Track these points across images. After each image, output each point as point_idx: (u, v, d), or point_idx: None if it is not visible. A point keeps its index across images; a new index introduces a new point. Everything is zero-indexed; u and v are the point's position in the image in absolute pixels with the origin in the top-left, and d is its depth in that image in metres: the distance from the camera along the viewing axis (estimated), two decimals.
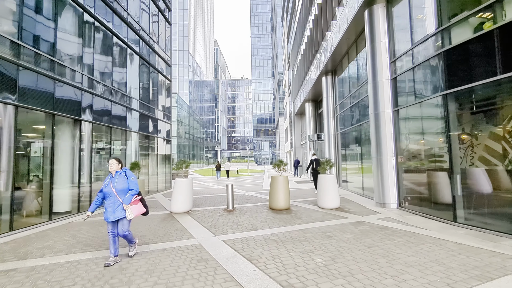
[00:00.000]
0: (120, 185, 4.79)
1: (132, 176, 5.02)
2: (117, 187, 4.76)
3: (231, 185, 9.70)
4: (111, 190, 4.75)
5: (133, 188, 4.89)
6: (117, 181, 4.82)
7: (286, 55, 43.23)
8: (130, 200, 4.82)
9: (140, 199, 5.13)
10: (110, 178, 4.88)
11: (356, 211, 8.83)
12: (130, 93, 13.10)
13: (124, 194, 4.81)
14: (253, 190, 15.90)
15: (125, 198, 4.78)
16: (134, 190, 4.89)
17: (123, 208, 4.73)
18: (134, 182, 4.98)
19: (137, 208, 4.98)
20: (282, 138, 69.62)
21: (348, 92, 14.24)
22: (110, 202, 4.72)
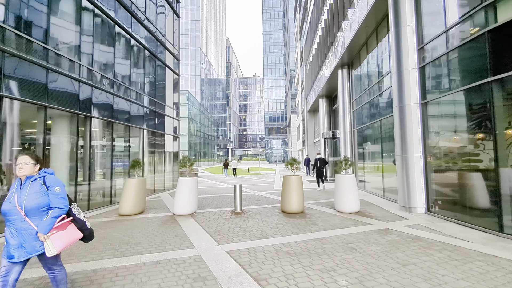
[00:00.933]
0: (32, 200, 2.90)
1: (57, 184, 3.05)
2: (27, 203, 2.88)
3: (239, 185, 8.86)
4: (15, 207, 2.87)
5: (57, 205, 2.97)
6: (27, 192, 2.92)
7: (298, 51, 42.11)
8: (51, 226, 2.91)
9: (72, 220, 3.17)
10: (17, 187, 2.99)
11: (379, 215, 7.85)
12: (135, 87, 12.41)
13: (40, 215, 2.93)
14: (264, 190, 15.04)
15: (42, 223, 2.88)
16: (59, 209, 2.97)
17: (38, 239, 2.89)
18: (59, 195, 3.01)
19: (65, 236, 3.03)
20: (294, 136, 68.50)
21: (367, 85, 13.18)
22: (15, 227, 2.87)
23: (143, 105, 12.98)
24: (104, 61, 10.40)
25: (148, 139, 14.06)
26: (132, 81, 12.25)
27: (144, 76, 13.38)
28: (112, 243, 5.63)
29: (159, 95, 15.10)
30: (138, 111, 12.65)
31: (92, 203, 9.59)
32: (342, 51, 15.16)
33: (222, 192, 14.06)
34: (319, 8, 22.21)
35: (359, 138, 15.01)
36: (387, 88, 10.71)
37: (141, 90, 12.98)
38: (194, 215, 8.29)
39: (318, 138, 28.29)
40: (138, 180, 8.88)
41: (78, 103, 8.83)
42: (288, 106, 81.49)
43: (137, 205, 8.73)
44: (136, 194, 8.73)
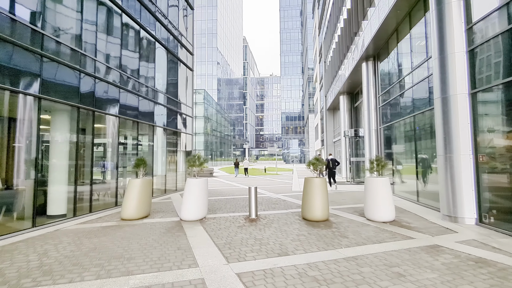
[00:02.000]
0: None
1: None
2: None
3: (254, 188, 7.82)
4: None
5: None
6: None
7: (317, 47, 40.69)
8: None
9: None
10: None
11: (420, 226, 6.61)
12: (144, 81, 11.62)
13: None
14: (281, 192, 13.94)
15: None
16: None
17: None
18: None
19: None
20: (312, 136, 66.92)
21: (397, 77, 11.84)
22: None
23: (153, 100, 12.16)
24: (111, 52, 9.61)
25: (159, 137, 13.26)
26: (141, 75, 11.44)
27: (155, 70, 12.57)
28: (101, 257, 4.71)
29: (172, 91, 14.28)
30: (147, 107, 11.84)
31: (95, 205, 8.80)
32: (367, 41, 13.86)
33: (236, 194, 13.07)
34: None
35: (386, 137, 13.66)
36: (423, 79, 9.38)
37: (151, 85, 12.17)
38: (203, 222, 7.32)
39: (338, 137, 26.90)
40: (142, 181, 8.00)
41: (78, 96, 8.04)
42: (305, 105, 79.88)
43: (141, 209, 7.84)
44: (140, 196, 7.85)
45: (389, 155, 13.34)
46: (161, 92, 13.03)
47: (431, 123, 9.15)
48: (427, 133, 9.41)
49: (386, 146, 13.72)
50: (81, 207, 8.26)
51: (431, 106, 8.90)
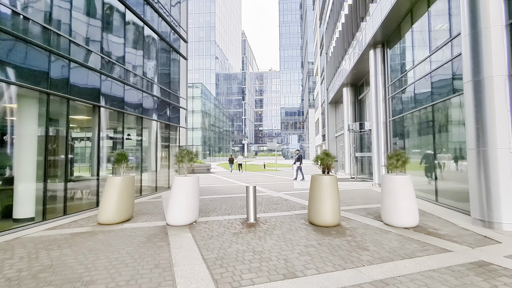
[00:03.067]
0: None
1: None
2: None
3: (252, 187, 6.71)
4: None
5: None
6: None
7: (318, 40, 39.42)
8: None
9: None
10: None
11: (451, 234, 5.53)
12: (132, 69, 10.46)
13: None
14: (282, 189, 12.86)
15: None
16: None
17: None
18: None
19: None
20: (312, 132, 65.87)
21: (411, 63, 10.69)
22: None
23: (142, 89, 11.00)
24: (91, 34, 8.44)
25: (149, 130, 12.13)
26: (128, 62, 10.28)
27: (143, 57, 11.40)
28: (53, 279, 3.62)
29: (163, 80, 13.12)
30: (135, 97, 10.69)
31: (71, 206, 7.69)
32: (376, 26, 12.69)
33: (234, 192, 11.98)
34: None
35: (397, 130, 12.56)
36: (446, 62, 8.25)
37: (140, 73, 11.01)
38: (192, 227, 6.22)
39: (341, 132, 25.82)
40: (123, 179, 6.89)
41: (48, 81, 6.89)
42: (305, 100, 78.70)
43: (122, 211, 6.74)
44: (120, 197, 6.74)
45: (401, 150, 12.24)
46: (151, 81, 11.87)
47: (453, 113, 8.05)
48: (449, 124, 8.31)
49: (397, 139, 12.62)
50: (52, 209, 7.15)
51: (454, 93, 7.79)
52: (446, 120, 8.45)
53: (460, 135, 7.79)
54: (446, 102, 8.24)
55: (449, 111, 8.24)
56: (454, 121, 8.10)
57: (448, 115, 8.32)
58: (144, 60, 11.41)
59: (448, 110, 8.28)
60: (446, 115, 8.40)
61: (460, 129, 7.78)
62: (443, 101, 8.40)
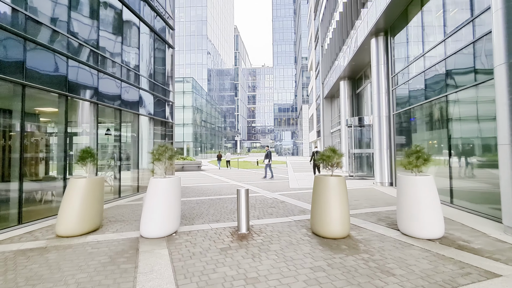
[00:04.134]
0: None
1: None
2: None
3: (244, 190, 5.59)
4: None
5: None
6: None
7: (312, 33, 38.34)
8: None
9: None
10: None
11: (487, 248, 4.52)
12: (110, 56, 9.23)
13: None
14: (277, 189, 11.78)
15: None
16: None
17: None
18: None
19: None
20: (306, 128, 64.99)
21: (421, 50, 9.66)
22: None
23: (118, 77, 9.76)
24: (54, 12, 7.19)
25: (131, 124, 10.92)
26: (102, 46, 9.05)
27: (122, 42, 10.14)
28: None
29: (145, 69, 11.88)
30: (111, 86, 9.47)
31: (28, 213, 6.48)
32: (379, 12, 11.64)
33: (224, 193, 10.87)
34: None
35: (401, 124, 11.57)
36: (466, 45, 7.22)
37: (118, 59, 9.78)
38: (171, 240, 5.10)
39: (337, 127, 24.88)
40: (89, 182, 5.71)
41: None
42: (298, 96, 77.76)
43: (86, 220, 5.57)
44: (84, 202, 5.57)
45: (405, 146, 11.27)
46: (132, 70, 10.63)
47: (474, 104, 7.05)
48: (468, 116, 7.31)
49: (402, 135, 11.64)
50: (3, 216, 5.94)
51: (477, 81, 6.78)
52: (461, 112, 7.44)
53: (482, 129, 6.80)
54: (466, 91, 7.23)
55: (469, 102, 7.23)
56: (474, 113, 7.10)
57: (467, 107, 7.31)
58: (123, 46, 10.16)
59: (467, 101, 7.27)
60: (465, 106, 7.39)
61: (482, 122, 6.79)
62: (462, 90, 7.39)
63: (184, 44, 73.22)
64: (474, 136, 7.19)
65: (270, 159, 17.13)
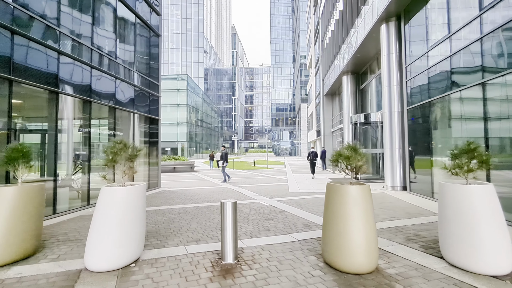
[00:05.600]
0: None
1: None
2: None
3: (230, 204, 4.05)
4: None
5: None
6: None
7: (312, 28, 36.89)
8: None
9: None
10: None
11: None
12: (77, 37, 7.70)
13: None
14: (275, 194, 10.28)
15: None
16: None
17: None
18: None
19: None
20: (304, 127, 63.55)
21: (446, 31, 8.18)
22: None
23: (86, 62, 8.21)
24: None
25: (101, 119, 9.40)
26: (68, 26, 7.52)
27: (92, 22, 8.61)
28: None
29: (125, 57, 10.36)
30: (76, 72, 7.93)
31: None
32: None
33: (214, 199, 9.35)
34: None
35: (418, 120, 10.10)
36: (507, 22, 5.75)
37: (87, 43, 8.25)
38: (125, 276, 3.58)
39: (338, 126, 23.44)
40: (20, 191, 4.19)
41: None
42: (297, 95, 76.34)
43: (13, 244, 4.05)
44: (10, 220, 4.05)
45: (422, 146, 9.81)
46: (104, 54, 9.09)
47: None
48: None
49: (418, 133, 10.17)
50: None
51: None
52: (509, 105, 5.97)
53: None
54: (506, 77, 5.76)
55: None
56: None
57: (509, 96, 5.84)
58: (94, 28, 8.62)
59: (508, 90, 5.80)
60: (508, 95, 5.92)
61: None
62: (500, 76, 5.92)
63: (180, 42, 71.66)
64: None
65: (225, 161, 15.19)
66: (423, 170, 9.82)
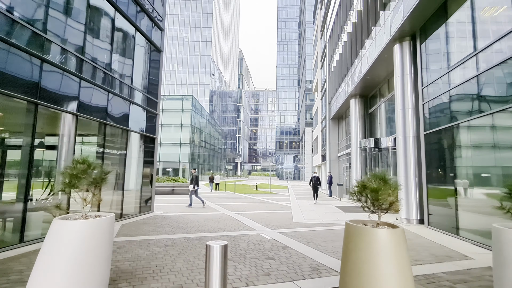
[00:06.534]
0: None
1: None
2: None
3: (219, 248, 3.07)
4: None
5: None
6: None
7: (318, 52, 36.83)
8: None
9: None
10: None
11: None
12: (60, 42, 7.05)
13: None
14: (277, 224, 9.20)
15: None
16: None
17: None
18: None
19: None
20: (308, 151, 62.67)
21: (473, 48, 7.40)
22: None
23: (72, 71, 7.50)
24: None
25: (91, 136, 8.60)
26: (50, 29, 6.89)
27: (85, 31, 8.01)
28: None
29: (120, 70, 9.72)
30: (66, 85, 7.21)
31: None
32: (407, 10, 9.59)
33: (209, 228, 8.31)
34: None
35: (438, 146, 9.15)
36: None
37: (78, 51, 7.59)
38: None
39: (345, 150, 22.50)
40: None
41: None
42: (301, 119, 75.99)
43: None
44: None
45: (441, 174, 8.80)
46: (98, 67, 8.41)
47: None
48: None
49: (437, 160, 9.18)
50: None
51: None
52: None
53: None
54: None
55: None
56: None
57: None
58: (86, 36, 7.99)
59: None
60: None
61: None
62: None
63: (187, 64, 72.67)
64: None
65: (196, 185, 13.94)
66: (442, 201, 8.76)
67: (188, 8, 74.16)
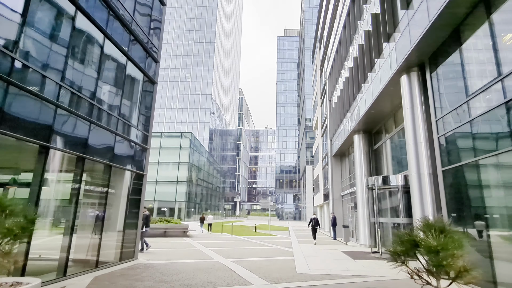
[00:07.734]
0: None
1: None
2: None
3: None
4: None
5: None
6: None
7: (318, 90, 36.91)
8: None
9: None
10: None
11: None
12: (39, 67, 6.31)
13: None
14: (278, 277, 7.82)
15: None
16: None
17: None
18: None
19: None
20: (309, 190, 60.85)
21: (496, 73, 6.63)
22: None
23: (43, 96, 6.66)
24: None
25: (67, 172, 7.56)
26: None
27: (66, 54, 7.33)
28: None
29: (108, 100, 8.95)
30: (46, 114, 6.34)
31: None
32: (414, 40, 9.07)
33: (196, 282, 6.96)
34: (356, 14, 16.76)
35: (460, 183, 8.06)
36: None
37: (56, 77, 6.83)
38: None
39: (349, 189, 21.25)
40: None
41: None
42: (302, 157, 75.14)
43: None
44: None
45: (467, 217, 7.62)
46: (77, 93, 7.61)
47: None
48: None
49: (462, 199, 8.04)
50: None
51: None
52: None
53: None
54: None
55: None
56: None
57: None
58: (67, 60, 7.28)
59: None
60: None
61: None
62: None
63: (188, 103, 73.51)
64: None
65: (146, 224, 12.27)
66: (472, 249, 7.47)
67: (190, 50, 76.74)
